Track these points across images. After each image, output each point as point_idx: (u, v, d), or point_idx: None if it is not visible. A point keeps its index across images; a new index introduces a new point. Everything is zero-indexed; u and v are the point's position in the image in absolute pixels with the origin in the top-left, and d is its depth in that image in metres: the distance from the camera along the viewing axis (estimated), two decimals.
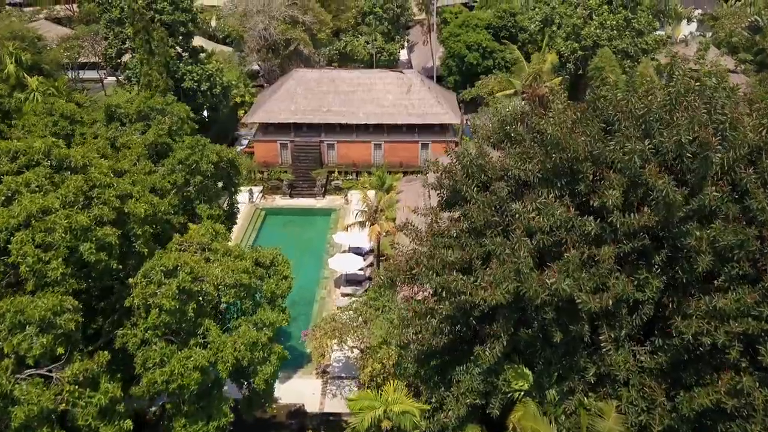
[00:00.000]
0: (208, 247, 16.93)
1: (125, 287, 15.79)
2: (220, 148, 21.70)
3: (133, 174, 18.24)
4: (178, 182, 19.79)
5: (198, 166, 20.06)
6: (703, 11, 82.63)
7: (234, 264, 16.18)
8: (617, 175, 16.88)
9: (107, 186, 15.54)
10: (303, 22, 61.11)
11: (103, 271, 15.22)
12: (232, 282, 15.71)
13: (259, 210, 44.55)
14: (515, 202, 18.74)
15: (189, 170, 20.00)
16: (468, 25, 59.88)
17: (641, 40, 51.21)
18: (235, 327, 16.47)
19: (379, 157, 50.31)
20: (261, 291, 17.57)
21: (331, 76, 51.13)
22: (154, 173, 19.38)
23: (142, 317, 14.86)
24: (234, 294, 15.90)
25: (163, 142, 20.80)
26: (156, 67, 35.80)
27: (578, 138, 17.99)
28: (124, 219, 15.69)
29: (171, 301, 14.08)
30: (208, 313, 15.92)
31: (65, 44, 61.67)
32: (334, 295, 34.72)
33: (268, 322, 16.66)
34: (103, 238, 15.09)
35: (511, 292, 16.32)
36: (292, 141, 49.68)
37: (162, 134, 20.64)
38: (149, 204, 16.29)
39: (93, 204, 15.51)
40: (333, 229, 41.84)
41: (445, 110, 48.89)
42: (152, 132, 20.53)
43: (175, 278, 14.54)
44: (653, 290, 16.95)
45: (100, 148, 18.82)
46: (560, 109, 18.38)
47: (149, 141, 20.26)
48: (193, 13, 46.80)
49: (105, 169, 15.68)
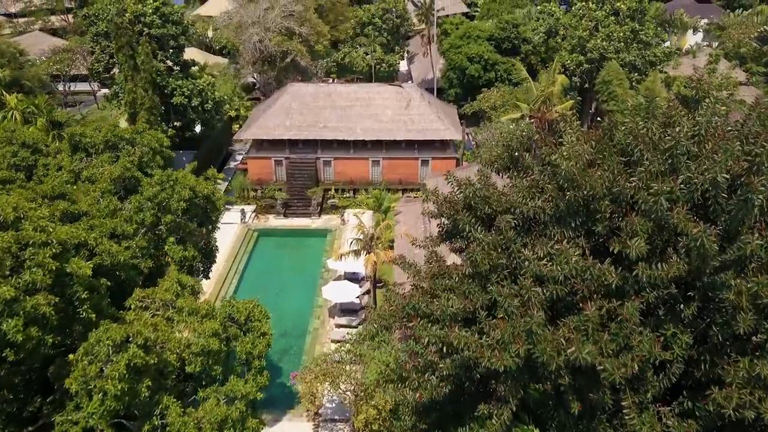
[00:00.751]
0: (173, 304, 14.89)
1: (66, 363, 13.70)
2: (195, 182, 19.68)
3: (92, 217, 16.23)
4: (146, 221, 17.81)
5: (168, 204, 18.08)
6: (709, 21, 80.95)
7: (201, 326, 14.13)
8: (641, 218, 14.89)
9: (43, 244, 13.35)
10: (299, 34, 59.34)
11: (35, 348, 13.05)
12: (199, 349, 13.67)
13: (251, 231, 42.55)
14: (524, 245, 16.81)
15: (159, 208, 18.04)
16: (469, 37, 58.11)
17: (649, 52, 49.35)
18: (202, 399, 14.37)
19: (378, 174, 48.38)
20: (234, 352, 15.54)
21: (327, 90, 49.27)
22: (120, 211, 17.40)
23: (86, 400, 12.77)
24: (201, 362, 13.83)
25: (131, 176, 18.81)
26: (141, 84, 33.95)
27: (595, 173, 16.02)
28: (64, 281, 13.57)
29: (118, 384, 11.99)
30: (169, 387, 13.84)
31: (56, 57, 60.05)
32: (327, 325, 32.67)
33: (240, 394, 14.54)
34: (34, 311, 12.74)
35: (521, 356, 14.28)
36: (287, 158, 47.77)
37: (130, 167, 18.64)
38: (107, 254, 14.31)
39: (25, 268, 13.06)
40: (328, 252, 39.84)
41: (445, 126, 46.97)
42: (119, 165, 18.53)
43: (126, 353, 12.48)
44: (682, 347, 14.94)
45: (55, 187, 16.77)
46: (574, 142, 16.39)
47: (115, 175, 18.27)
48: (184, 26, 45.02)
49: (43, 222, 13.46)
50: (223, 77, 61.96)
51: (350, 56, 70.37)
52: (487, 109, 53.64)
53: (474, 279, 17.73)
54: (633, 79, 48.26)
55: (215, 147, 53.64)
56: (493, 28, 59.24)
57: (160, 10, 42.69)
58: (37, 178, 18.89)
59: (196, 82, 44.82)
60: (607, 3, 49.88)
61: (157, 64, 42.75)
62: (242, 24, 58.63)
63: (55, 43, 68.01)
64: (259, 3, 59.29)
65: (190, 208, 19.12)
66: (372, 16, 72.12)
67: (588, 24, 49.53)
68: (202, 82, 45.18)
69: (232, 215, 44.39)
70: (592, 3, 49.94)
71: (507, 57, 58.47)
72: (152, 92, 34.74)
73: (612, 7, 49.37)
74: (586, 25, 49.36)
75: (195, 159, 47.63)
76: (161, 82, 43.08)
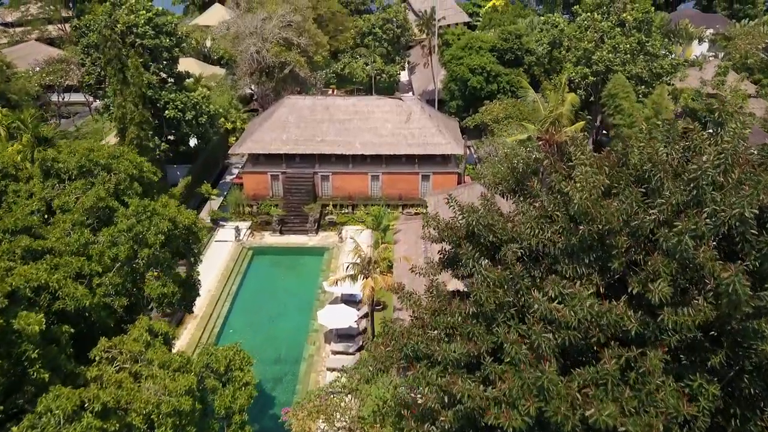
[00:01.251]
0: (142, 357, 13.42)
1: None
2: (175, 211, 18.23)
3: (59, 254, 14.81)
4: (120, 257, 16.38)
5: (145, 237, 16.67)
6: (714, 31, 79.72)
7: (173, 383, 12.66)
8: (663, 257, 13.47)
9: None
10: (298, 45, 58.14)
11: None
12: (170, 409, 12.20)
13: (245, 249, 41.11)
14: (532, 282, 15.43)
15: (136, 240, 16.64)
16: (471, 48, 56.87)
17: (656, 64, 48.03)
18: None
19: (377, 190, 47.01)
20: (212, 408, 14.10)
21: (325, 103, 47.96)
22: (92, 246, 15.98)
23: None
24: (172, 424, 12.34)
25: (106, 206, 17.38)
26: (131, 99, 32.63)
27: (611, 205, 14.62)
28: (11, 340, 12.06)
29: None
30: None
31: (49, 67, 58.91)
32: (323, 352, 31.15)
33: None
34: None
35: (532, 416, 12.81)
36: (284, 172, 46.42)
37: (104, 197, 17.19)
38: (71, 298, 12.91)
39: None
40: (325, 271, 38.37)
41: (447, 140, 45.62)
42: (92, 194, 17.08)
43: (79, 423, 11.02)
44: (710, 399, 13.47)
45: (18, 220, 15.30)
46: (588, 171, 14.96)
47: (87, 205, 16.83)
48: (178, 37, 43.78)
49: None
50: (220, 88, 60.74)
51: (350, 67, 69.19)
52: (489, 122, 52.33)
53: (478, 318, 16.33)
54: (640, 92, 46.93)
55: (211, 160, 52.33)
56: (495, 39, 58.02)
57: (153, 21, 41.47)
58: (6, 205, 17.52)
59: (190, 95, 43.52)
60: (613, 14, 48.64)
61: (149, 76, 41.48)
62: (239, 34, 57.47)
63: (50, 53, 66.96)
64: (256, 13, 58.17)
65: (170, 239, 17.71)
66: (372, 26, 70.98)
67: (593, 35, 48.25)
68: (196, 95, 43.88)
69: (226, 232, 43.03)
70: (597, 14, 48.69)
71: (510, 68, 57.24)
72: (142, 107, 33.40)
73: (618, 17, 48.11)
74: (592, 37, 48.08)
75: (189, 173, 46.36)
76: (154, 95, 41.79)
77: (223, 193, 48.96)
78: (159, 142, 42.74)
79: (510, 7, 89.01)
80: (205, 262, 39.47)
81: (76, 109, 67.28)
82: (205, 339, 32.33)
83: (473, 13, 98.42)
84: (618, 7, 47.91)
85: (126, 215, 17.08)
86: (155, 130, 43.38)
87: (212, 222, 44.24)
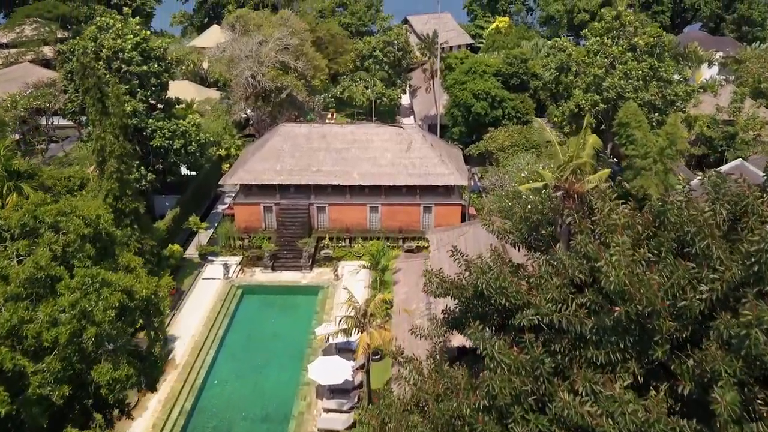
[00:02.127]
0: None
1: None
2: (131, 282, 15.49)
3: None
4: (61, 339, 13.74)
5: (92, 313, 14.05)
6: (724, 54, 77.68)
7: None
8: (723, 352, 10.85)
9: None
10: (295, 68, 56.03)
11: None
12: None
13: (234, 287, 38.43)
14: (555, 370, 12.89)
15: (82, 316, 14.03)
16: (475, 72, 54.75)
17: (669, 90, 45.70)
18: None
19: (376, 222, 44.47)
20: None
21: (321, 131, 45.61)
22: (27, 326, 13.41)
23: None
24: None
25: (47, 275, 14.74)
26: (110, 130, 30.27)
27: (652, 279, 12.04)
28: None
29: None
30: None
31: (38, 91, 56.81)
32: (315, 409, 28.31)
33: None
34: None
35: None
36: (278, 204, 43.92)
37: (44, 266, 14.51)
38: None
39: None
40: (319, 313, 35.65)
41: (450, 170, 43.15)
42: (30, 263, 14.40)
43: None
44: None
45: None
46: (625, 243, 12.37)
47: (23, 276, 14.15)
48: (167, 62, 41.58)
49: None
50: (215, 113, 58.58)
51: (350, 91, 67.08)
52: (494, 150, 49.96)
53: (490, 412, 13.68)
54: (653, 120, 44.56)
55: (203, 188, 49.89)
56: (500, 63, 55.89)
57: (140, 46, 39.30)
58: None
59: (179, 122, 41.19)
60: (623, 38, 46.48)
61: (135, 104, 39.20)
62: (234, 58, 55.41)
63: (43, 76, 65.00)
64: (252, 36, 56.17)
65: (126, 312, 15.12)
66: (373, 49, 69.09)
67: (603, 61, 46.01)
68: (186, 122, 41.55)
69: (215, 269, 40.40)
70: (607, 38, 46.51)
71: (515, 93, 55.04)
72: (123, 138, 31.01)
73: (629, 42, 45.92)
74: (602, 62, 45.84)
75: (178, 204, 43.91)
76: (140, 124, 39.48)
77: (215, 224, 46.43)
78: (145, 172, 40.34)
79: (513, 29, 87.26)
80: (191, 302, 36.96)
81: (67, 133, 65.05)
82: (186, 392, 29.56)
83: (476, 35, 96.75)
84: (629, 32, 45.73)
85: (70, 288, 14.47)
86: (141, 159, 41.05)
87: (200, 257, 41.66)
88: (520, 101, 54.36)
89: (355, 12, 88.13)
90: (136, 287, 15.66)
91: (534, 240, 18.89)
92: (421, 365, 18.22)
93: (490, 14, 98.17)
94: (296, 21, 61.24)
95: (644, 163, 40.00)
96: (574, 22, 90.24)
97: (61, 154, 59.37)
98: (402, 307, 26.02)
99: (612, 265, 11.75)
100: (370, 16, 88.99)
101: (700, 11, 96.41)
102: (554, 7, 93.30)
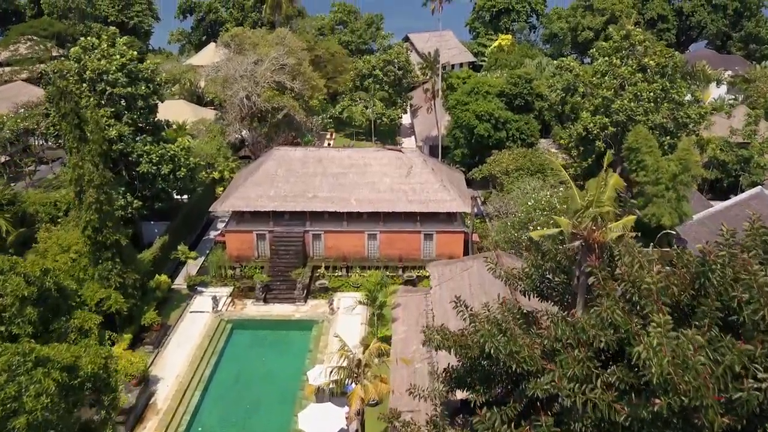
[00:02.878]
0: None
1: None
2: (75, 354, 13.44)
3: None
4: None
5: (22, 401, 11.92)
6: (733, 72, 75.96)
7: None
8: None
9: None
10: (292, 89, 54.29)
11: None
12: None
13: (224, 322, 36.18)
14: None
15: (11, 400, 11.92)
16: (477, 92, 52.91)
17: (681, 113, 43.72)
18: None
19: (374, 250, 42.33)
20: None
21: (318, 155, 43.65)
22: None
23: None
24: None
25: None
26: (89, 158, 28.34)
27: (699, 365, 9.93)
28: None
29: None
30: None
31: (26, 112, 55.14)
32: None
33: None
34: None
35: None
36: (271, 231, 41.83)
37: None
38: None
39: None
40: (313, 351, 33.38)
41: (452, 196, 41.09)
42: None
43: None
44: None
45: None
46: (668, 322, 10.21)
47: None
48: (156, 84, 39.73)
49: None
50: (209, 134, 56.75)
51: (349, 111, 65.30)
52: (498, 174, 47.95)
53: None
54: (665, 143, 42.54)
55: (195, 213, 47.84)
56: (503, 83, 54.07)
57: (126, 68, 37.48)
58: None
59: (168, 146, 39.26)
60: (633, 58, 44.62)
61: (121, 127, 37.30)
62: (229, 78, 53.70)
63: (35, 94, 63.46)
64: (247, 55, 54.50)
65: (68, 393, 12.98)
66: (373, 68, 67.43)
67: (612, 82, 44.09)
68: (174, 146, 39.62)
69: (204, 301, 38.18)
70: (615, 58, 44.65)
71: (519, 114, 53.16)
72: (103, 167, 29.08)
73: (638, 62, 44.05)
74: (611, 84, 43.92)
75: (167, 231, 41.88)
76: (125, 149, 37.56)
77: (206, 252, 44.32)
78: (131, 199, 38.35)
79: (516, 47, 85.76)
80: (177, 338, 34.72)
81: (58, 154, 63.25)
82: None
83: (478, 53, 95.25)
84: (639, 51, 43.87)
85: None
86: (128, 185, 39.08)
87: (189, 288, 39.48)
88: (524, 122, 52.49)
89: (356, 30, 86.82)
90: (80, 362, 13.50)
91: (546, 288, 16.91)
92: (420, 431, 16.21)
93: (493, 32, 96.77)
94: (293, 40, 59.61)
95: (656, 189, 37.93)
96: (578, 40, 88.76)
97: (51, 176, 57.57)
98: (400, 356, 23.78)
99: (653, 352, 9.63)
100: (371, 34, 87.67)
101: (706, 29, 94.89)
102: (558, 24, 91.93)
